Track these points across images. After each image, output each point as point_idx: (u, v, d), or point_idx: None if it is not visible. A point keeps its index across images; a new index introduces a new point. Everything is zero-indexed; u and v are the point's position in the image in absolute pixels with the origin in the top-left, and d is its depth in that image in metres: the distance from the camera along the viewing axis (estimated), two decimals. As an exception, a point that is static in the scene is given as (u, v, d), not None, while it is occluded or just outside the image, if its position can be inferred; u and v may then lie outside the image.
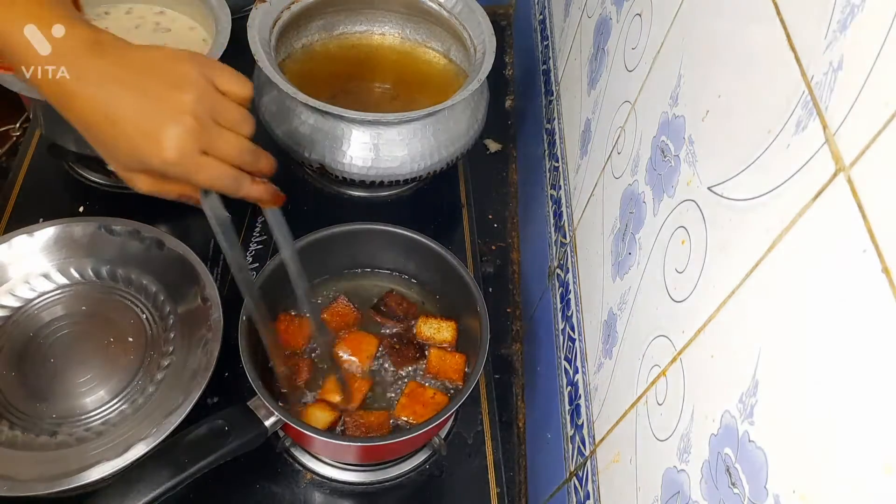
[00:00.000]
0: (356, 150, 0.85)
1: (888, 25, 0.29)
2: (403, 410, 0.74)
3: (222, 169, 0.52)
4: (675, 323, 0.48)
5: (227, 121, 0.52)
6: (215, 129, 0.51)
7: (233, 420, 0.66)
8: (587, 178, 0.74)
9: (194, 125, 0.49)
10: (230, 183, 0.53)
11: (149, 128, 0.49)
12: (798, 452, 0.32)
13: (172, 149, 0.49)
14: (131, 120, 0.49)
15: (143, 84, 0.50)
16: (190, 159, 0.50)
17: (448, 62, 1.00)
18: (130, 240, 0.83)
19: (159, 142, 0.49)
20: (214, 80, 0.52)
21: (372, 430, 0.72)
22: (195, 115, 0.50)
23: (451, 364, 0.77)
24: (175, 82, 0.50)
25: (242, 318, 0.71)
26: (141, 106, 0.49)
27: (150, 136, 0.49)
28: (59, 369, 0.75)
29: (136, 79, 0.50)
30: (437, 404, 0.74)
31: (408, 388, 0.75)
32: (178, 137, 0.49)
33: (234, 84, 0.53)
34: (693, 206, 0.47)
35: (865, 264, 0.29)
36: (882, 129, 0.29)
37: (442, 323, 0.80)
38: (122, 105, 0.49)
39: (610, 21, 0.73)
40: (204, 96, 0.50)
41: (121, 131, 0.50)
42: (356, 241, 0.82)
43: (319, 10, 0.97)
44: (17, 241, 0.80)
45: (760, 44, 0.41)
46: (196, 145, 0.50)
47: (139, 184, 0.53)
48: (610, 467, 0.57)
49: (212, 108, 0.51)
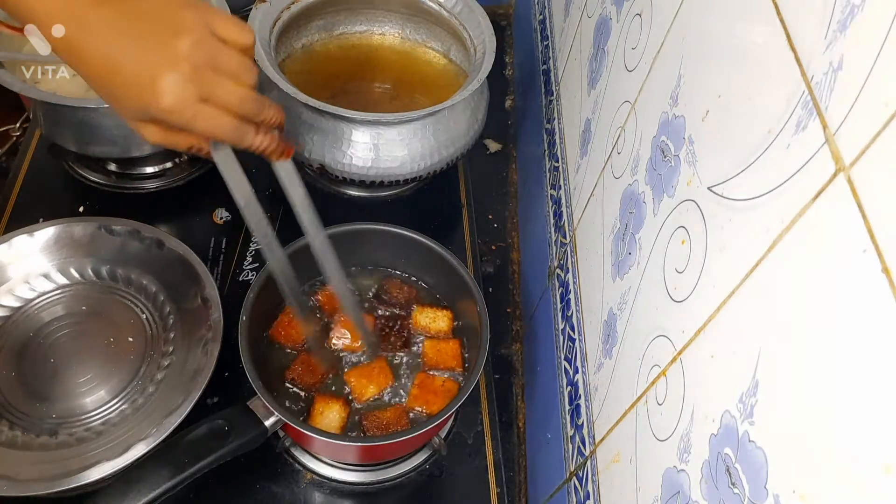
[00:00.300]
0: (356, 150, 0.85)
1: (888, 25, 0.29)
2: (416, 401, 0.75)
3: (222, 117, 0.51)
4: (675, 323, 0.48)
5: (227, 68, 0.51)
6: (214, 77, 0.50)
7: (233, 420, 0.66)
8: (587, 178, 0.74)
9: (189, 71, 0.49)
10: (231, 132, 0.52)
11: (146, 75, 0.49)
12: (798, 452, 0.32)
13: (169, 95, 0.48)
14: (130, 68, 0.49)
15: (142, 31, 0.49)
16: (188, 106, 0.49)
17: (448, 62, 1.00)
18: (130, 240, 0.83)
19: (155, 89, 0.48)
20: (214, 27, 0.51)
21: (391, 425, 0.72)
22: (191, 61, 0.49)
23: (447, 352, 0.78)
24: (173, 29, 0.49)
25: (242, 317, 0.71)
26: (139, 53, 0.49)
27: (148, 83, 0.49)
28: (59, 369, 0.75)
29: (136, 26, 0.49)
30: (448, 391, 0.75)
31: (417, 380, 0.76)
32: (173, 84, 0.48)
33: (234, 31, 0.51)
34: (693, 206, 0.47)
35: (865, 264, 0.29)
36: (882, 129, 0.29)
37: (438, 312, 0.81)
38: (121, 53, 0.49)
39: (610, 21, 0.73)
40: (202, 43, 0.49)
41: (122, 80, 0.49)
42: (356, 240, 0.82)
43: (319, 10, 0.97)
44: (18, 241, 0.81)
45: (760, 44, 0.41)
46: (194, 92, 0.49)
47: (148, 134, 0.53)
48: (610, 467, 0.57)
49: (210, 56, 0.50)
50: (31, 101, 0.85)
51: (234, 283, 0.87)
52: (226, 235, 0.92)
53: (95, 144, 0.87)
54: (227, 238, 0.92)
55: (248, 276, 0.88)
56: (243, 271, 0.89)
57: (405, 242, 0.82)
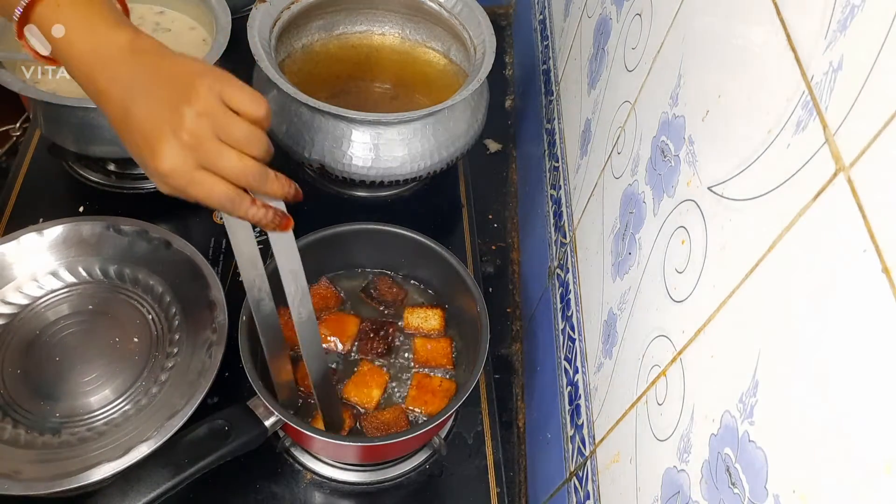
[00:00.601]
0: (356, 150, 0.85)
1: (888, 25, 0.29)
2: (414, 402, 0.75)
3: (218, 186, 0.52)
4: (675, 323, 0.48)
5: (234, 139, 0.52)
6: (215, 147, 0.51)
7: (233, 420, 0.66)
8: (587, 178, 0.74)
9: (191, 141, 0.50)
10: (225, 202, 0.53)
11: (150, 137, 0.51)
12: (798, 452, 0.32)
13: (166, 160, 0.50)
14: (140, 127, 0.51)
15: (159, 94, 0.51)
16: (183, 174, 0.51)
17: (448, 62, 1.00)
18: (138, 240, 0.83)
19: (154, 153, 0.50)
20: (227, 98, 0.52)
21: (390, 426, 0.72)
22: (193, 130, 0.50)
23: (438, 350, 0.79)
24: (184, 96, 0.51)
25: (242, 318, 0.71)
26: (151, 115, 0.51)
27: (150, 145, 0.51)
28: (64, 368, 0.75)
29: (156, 88, 0.51)
30: (446, 391, 0.75)
31: (414, 381, 0.77)
32: (171, 150, 0.50)
33: (246, 102, 0.52)
34: (693, 206, 0.47)
35: (865, 264, 0.29)
36: (882, 129, 0.29)
37: (429, 311, 0.81)
38: (137, 111, 0.51)
39: (610, 21, 0.73)
40: (207, 111, 0.51)
41: (133, 136, 0.52)
42: (356, 241, 0.82)
43: (319, 10, 0.97)
44: (26, 239, 0.81)
45: (760, 44, 0.41)
46: (192, 160, 0.50)
47: (158, 184, 0.54)
48: (610, 467, 0.57)
49: (215, 125, 0.51)
50: (31, 101, 0.85)
51: (235, 283, 0.87)
52: (226, 235, 0.92)
53: (95, 144, 0.87)
54: (227, 238, 0.92)
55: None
56: (243, 271, 0.89)
57: (405, 242, 0.82)
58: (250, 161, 0.53)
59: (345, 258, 0.83)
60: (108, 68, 0.52)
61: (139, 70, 0.52)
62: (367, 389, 0.75)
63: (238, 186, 0.53)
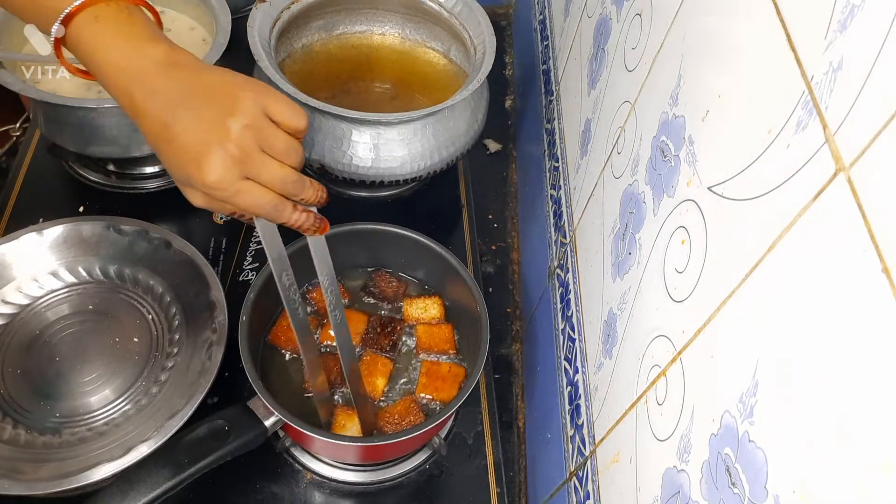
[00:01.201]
0: (356, 150, 0.85)
1: (888, 25, 0.29)
2: (425, 389, 0.76)
3: (263, 195, 0.54)
4: (675, 323, 0.48)
5: (274, 150, 0.53)
6: (259, 157, 0.52)
7: (233, 420, 0.66)
8: (587, 178, 0.74)
9: (236, 153, 0.51)
10: (270, 209, 0.55)
11: (196, 150, 0.51)
12: (798, 452, 0.32)
13: (213, 172, 0.51)
14: (183, 141, 0.51)
15: (201, 108, 0.52)
16: (230, 184, 0.52)
17: (448, 62, 1.00)
18: (138, 240, 0.83)
19: (201, 165, 0.51)
20: (269, 109, 0.53)
21: (404, 417, 0.73)
22: (240, 142, 0.51)
23: (440, 335, 0.80)
24: (229, 109, 0.51)
25: (242, 318, 0.71)
26: (194, 128, 0.51)
27: (196, 158, 0.51)
28: (64, 368, 0.75)
29: (196, 102, 0.52)
30: (456, 376, 0.77)
31: (423, 368, 0.78)
32: (219, 162, 0.51)
33: (287, 115, 0.54)
34: (693, 206, 0.47)
35: (865, 264, 0.29)
36: (882, 129, 0.29)
37: (427, 301, 0.82)
38: (178, 125, 0.51)
39: (610, 21, 0.73)
40: (253, 124, 0.52)
41: (175, 149, 0.52)
42: (356, 240, 0.82)
43: (319, 10, 0.97)
44: (26, 239, 0.81)
45: (760, 44, 0.41)
46: (237, 171, 0.52)
47: (193, 198, 0.55)
48: (610, 467, 0.57)
49: (259, 137, 0.52)
50: (31, 101, 0.85)
51: (235, 283, 0.87)
52: (226, 235, 0.92)
53: (95, 144, 0.87)
54: (227, 238, 0.92)
55: (248, 276, 0.88)
56: (243, 271, 0.89)
57: (405, 242, 0.82)
58: (290, 170, 0.54)
59: (345, 258, 0.83)
60: (145, 83, 0.52)
61: (178, 84, 0.52)
62: (371, 378, 0.76)
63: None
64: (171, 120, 0.52)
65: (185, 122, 0.51)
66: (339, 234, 0.80)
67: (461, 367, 0.78)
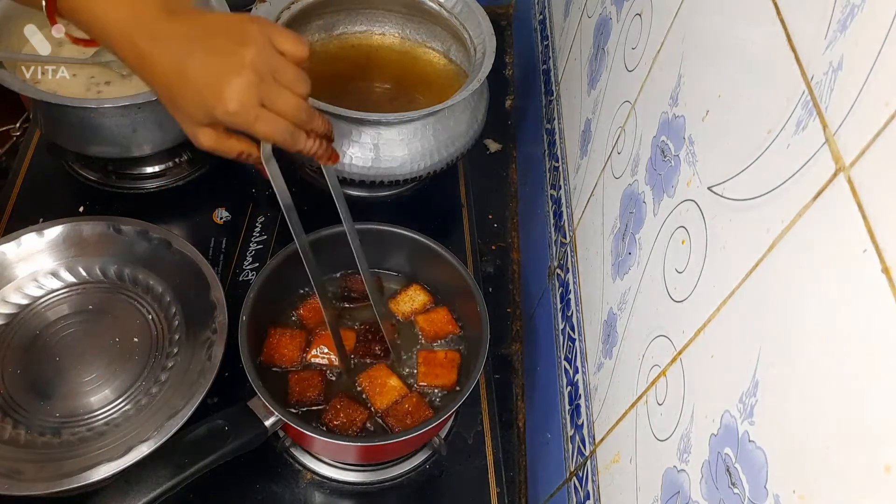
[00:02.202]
0: (356, 150, 0.85)
1: (888, 25, 0.29)
2: (426, 378, 0.76)
3: (280, 122, 0.56)
4: (675, 323, 0.48)
5: (284, 78, 0.55)
6: (273, 85, 0.54)
7: (233, 420, 0.66)
8: (587, 178, 0.74)
9: (254, 78, 0.53)
10: (288, 136, 0.57)
11: (214, 80, 0.53)
12: (798, 452, 0.32)
13: (234, 99, 0.53)
14: (198, 73, 0.53)
15: (211, 41, 0.53)
16: (250, 110, 0.54)
17: (448, 62, 1.00)
18: (139, 240, 0.83)
19: (222, 92, 0.52)
20: (274, 40, 0.55)
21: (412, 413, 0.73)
22: (255, 69, 0.53)
23: (440, 320, 0.80)
24: (240, 40, 0.53)
25: (242, 318, 0.71)
26: (208, 60, 0.53)
27: (215, 87, 0.53)
28: (64, 368, 0.75)
29: (205, 37, 0.53)
30: (452, 360, 0.77)
31: (420, 358, 0.78)
32: (239, 88, 0.53)
33: (291, 45, 0.56)
34: (693, 206, 0.47)
35: (865, 264, 0.29)
36: (882, 129, 0.29)
37: (409, 292, 0.83)
38: (191, 60, 0.53)
39: (610, 21, 0.73)
40: (264, 53, 0.54)
41: (189, 84, 0.53)
42: (356, 241, 0.82)
43: (319, 10, 0.97)
44: (27, 239, 0.81)
45: (760, 44, 0.41)
46: (255, 97, 0.53)
47: (203, 138, 0.56)
48: (610, 467, 0.57)
49: (270, 66, 0.54)
50: (31, 101, 0.85)
51: (234, 283, 0.87)
52: (226, 235, 0.92)
53: (95, 144, 0.87)
54: (227, 238, 0.92)
55: (248, 276, 0.88)
56: (243, 271, 0.89)
57: (405, 242, 0.82)
58: (300, 99, 0.56)
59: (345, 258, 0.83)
60: (148, 29, 0.53)
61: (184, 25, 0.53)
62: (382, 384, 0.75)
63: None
64: (183, 59, 0.52)
65: (199, 57, 0.52)
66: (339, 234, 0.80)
67: (455, 351, 0.78)
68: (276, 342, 0.77)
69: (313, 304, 0.80)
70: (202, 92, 0.53)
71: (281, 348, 0.76)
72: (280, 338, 0.77)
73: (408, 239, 0.82)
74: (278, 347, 0.76)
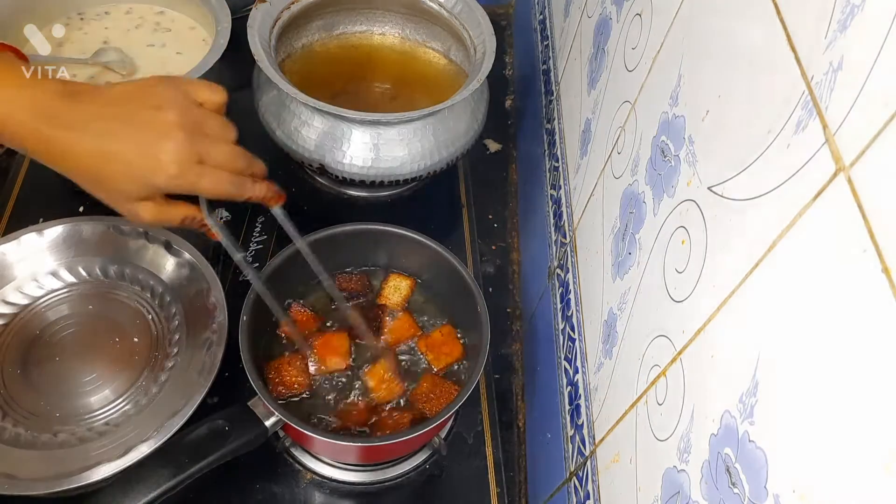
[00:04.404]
0: (356, 150, 0.85)
1: (888, 25, 0.29)
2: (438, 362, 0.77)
3: (222, 174, 0.54)
4: (675, 323, 0.48)
5: (212, 130, 0.54)
6: (205, 139, 0.53)
7: (233, 420, 0.66)
8: (587, 178, 0.74)
9: (184, 137, 0.51)
10: (233, 186, 0.55)
11: (145, 150, 0.51)
12: (798, 452, 0.32)
13: (172, 163, 0.51)
14: (125, 148, 0.51)
15: (127, 114, 0.51)
16: (191, 169, 0.52)
17: (448, 62, 1.00)
18: (139, 240, 0.83)
19: (158, 160, 0.51)
20: (190, 94, 0.54)
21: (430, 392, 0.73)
22: (182, 128, 0.51)
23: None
24: (156, 104, 0.52)
25: (243, 318, 0.71)
26: (131, 133, 0.51)
27: (148, 157, 0.51)
28: (64, 368, 0.75)
29: (119, 111, 0.52)
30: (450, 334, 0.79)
31: (422, 346, 0.78)
32: (174, 151, 0.51)
33: (207, 93, 0.55)
34: (693, 206, 0.47)
35: (865, 264, 0.29)
36: (882, 129, 0.29)
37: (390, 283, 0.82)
38: (113, 138, 0.51)
39: (610, 21, 0.73)
40: (185, 110, 0.52)
41: (117, 162, 0.51)
42: (356, 240, 0.82)
43: (319, 10, 0.97)
44: (27, 239, 0.81)
45: (760, 44, 0.41)
46: (192, 155, 0.52)
47: (143, 212, 0.55)
48: (610, 467, 0.57)
49: (195, 120, 0.53)
50: (31, 101, 0.85)
51: (235, 283, 0.87)
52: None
53: (95, 144, 0.87)
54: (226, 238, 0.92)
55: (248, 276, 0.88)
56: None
57: (405, 242, 0.82)
58: (235, 146, 0.55)
59: (345, 258, 0.83)
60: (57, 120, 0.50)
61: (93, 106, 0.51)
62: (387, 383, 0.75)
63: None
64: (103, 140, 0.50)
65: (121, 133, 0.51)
66: (339, 234, 0.80)
67: (447, 325, 0.79)
68: (278, 376, 0.73)
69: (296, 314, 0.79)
70: (133, 165, 0.51)
71: (286, 379, 0.73)
72: (279, 369, 0.74)
73: (408, 239, 0.81)
74: (283, 379, 0.73)
